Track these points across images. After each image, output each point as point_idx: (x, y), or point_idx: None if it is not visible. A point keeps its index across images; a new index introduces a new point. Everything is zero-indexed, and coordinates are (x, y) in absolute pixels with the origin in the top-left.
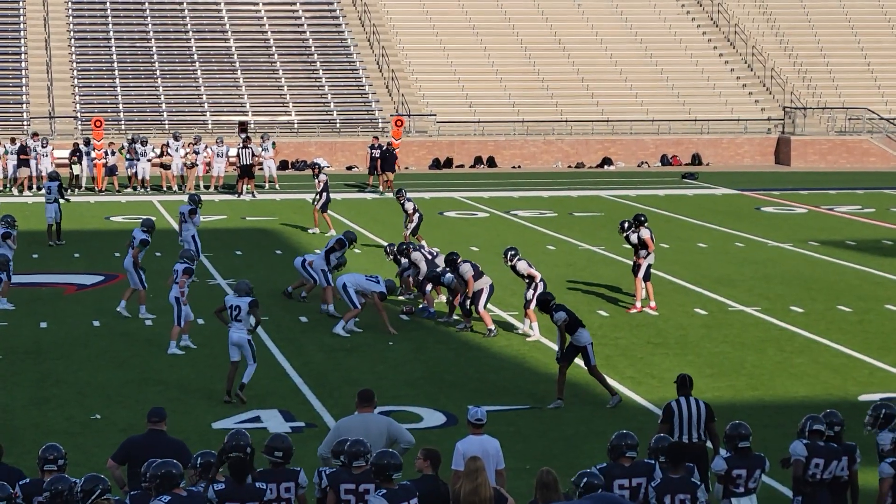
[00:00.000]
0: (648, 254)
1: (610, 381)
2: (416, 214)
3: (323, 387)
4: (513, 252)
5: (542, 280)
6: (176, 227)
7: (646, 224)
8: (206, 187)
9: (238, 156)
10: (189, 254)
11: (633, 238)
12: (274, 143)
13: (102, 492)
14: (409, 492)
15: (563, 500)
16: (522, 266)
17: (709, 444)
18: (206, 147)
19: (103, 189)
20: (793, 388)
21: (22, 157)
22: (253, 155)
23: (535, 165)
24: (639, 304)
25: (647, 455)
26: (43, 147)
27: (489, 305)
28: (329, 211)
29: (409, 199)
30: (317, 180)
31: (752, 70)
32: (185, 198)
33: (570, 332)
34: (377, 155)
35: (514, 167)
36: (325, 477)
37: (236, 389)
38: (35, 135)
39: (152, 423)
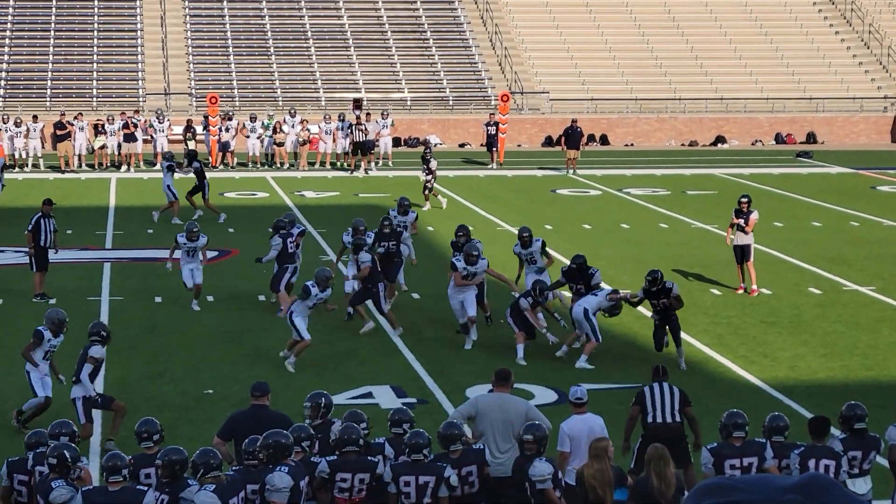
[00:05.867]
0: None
1: (722, 359)
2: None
3: (434, 363)
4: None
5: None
6: (291, 205)
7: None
8: (312, 164)
9: (352, 132)
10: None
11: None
12: (393, 122)
13: (215, 467)
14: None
15: (673, 475)
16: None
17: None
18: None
19: (217, 165)
20: None
21: (126, 132)
22: (364, 131)
23: (647, 143)
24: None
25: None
26: (160, 123)
27: None
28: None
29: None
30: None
31: (868, 48)
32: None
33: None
34: (493, 132)
35: (626, 145)
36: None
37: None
38: (136, 111)
39: (255, 398)
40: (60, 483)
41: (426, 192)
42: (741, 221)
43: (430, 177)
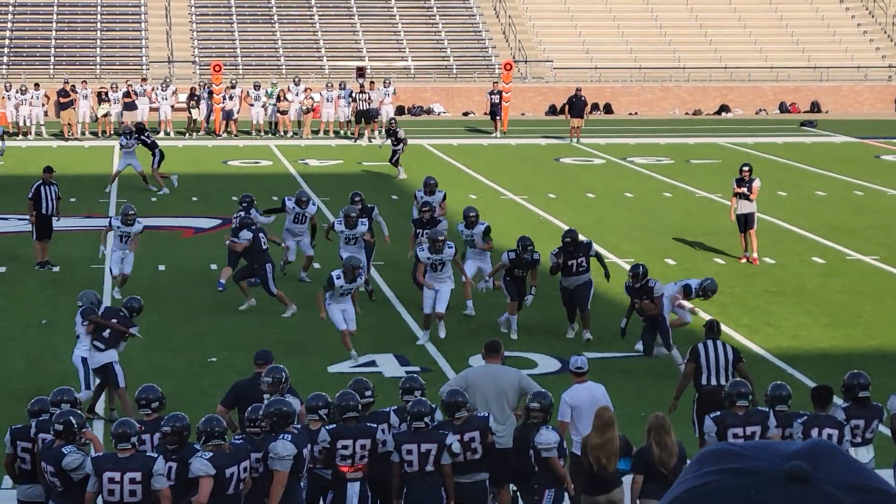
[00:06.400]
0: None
1: (725, 328)
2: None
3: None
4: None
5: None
6: (294, 174)
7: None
8: (315, 132)
9: (355, 101)
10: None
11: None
12: (395, 90)
13: (218, 435)
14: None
15: (675, 444)
16: None
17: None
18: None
19: (221, 133)
20: None
21: (126, 100)
22: (367, 100)
23: (651, 112)
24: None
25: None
26: (163, 90)
27: None
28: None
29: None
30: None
31: (873, 17)
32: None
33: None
34: (496, 101)
35: (630, 114)
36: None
37: None
38: (143, 79)
39: (258, 366)
40: (71, 448)
41: (394, 160)
42: (744, 190)
43: (399, 146)
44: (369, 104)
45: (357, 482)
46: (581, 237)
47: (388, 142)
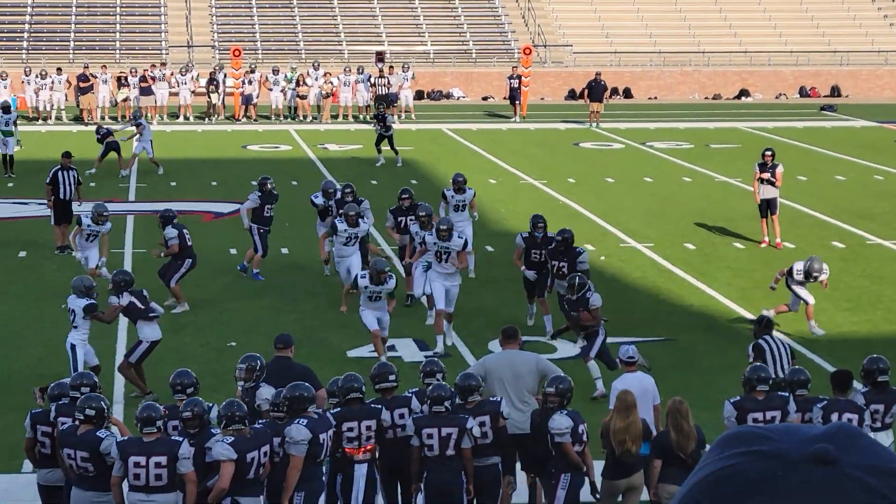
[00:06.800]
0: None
1: (745, 313)
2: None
3: (457, 317)
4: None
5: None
6: (314, 158)
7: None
8: (335, 117)
9: (374, 86)
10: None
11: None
12: (414, 75)
13: (239, 419)
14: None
15: (693, 428)
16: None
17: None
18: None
19: (240, 118)
20: None
21: (143, 85)
22: (386, 84)
23: (671, 97)
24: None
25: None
26: (182, 75)
27: None
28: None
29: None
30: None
31: (893, 0)
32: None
33: None
34: (516, 85)
35: (650, 98)
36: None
37: None
38: (163, 63)
39: (278, 349)
40: (107, 433)
41: (386, 144)
42: (768, 175)
43: (389, 132)
44: (388, 88)
45: (364, 464)
46: (579, 248)
47: (377, 127)
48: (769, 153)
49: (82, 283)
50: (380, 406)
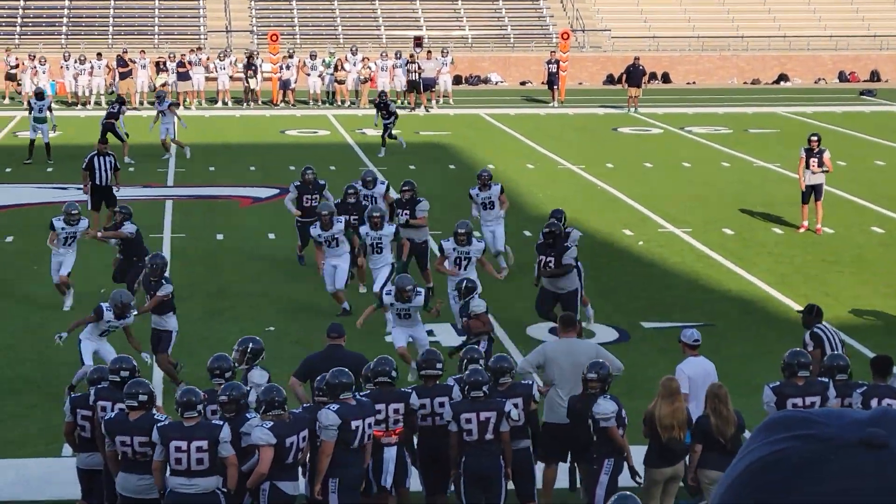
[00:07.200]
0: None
1: (784, 298)
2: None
3: (496, 301)
4: None
5: None
6: (352, 143)
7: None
8: (372, 101)
9: (409, 71)
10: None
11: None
12: (452, 60)
13: (278, 405)
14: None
15: (735, 414)
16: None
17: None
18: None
19: (278, 103)
20: None
21: (180, 70)
22: (417, 70)
23: (709, 81)
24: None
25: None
26: (220, 60)
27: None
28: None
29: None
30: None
31: None
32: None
33: None
34: (554, 70)
35: (688, 83)
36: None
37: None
38: (199, 48)
39: (331, 338)
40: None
41: (386, 135)
42: (814, 162)
43: (391, 119)
44: (419, 74)
45: (393, 447)
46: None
47: (378, 115)
48: (815, 138)
49: (121, 299)
50: (410, 390)
